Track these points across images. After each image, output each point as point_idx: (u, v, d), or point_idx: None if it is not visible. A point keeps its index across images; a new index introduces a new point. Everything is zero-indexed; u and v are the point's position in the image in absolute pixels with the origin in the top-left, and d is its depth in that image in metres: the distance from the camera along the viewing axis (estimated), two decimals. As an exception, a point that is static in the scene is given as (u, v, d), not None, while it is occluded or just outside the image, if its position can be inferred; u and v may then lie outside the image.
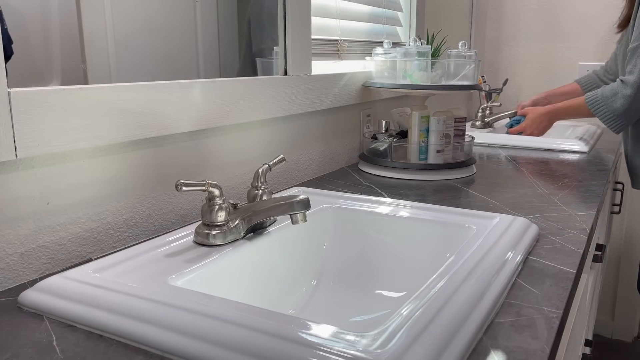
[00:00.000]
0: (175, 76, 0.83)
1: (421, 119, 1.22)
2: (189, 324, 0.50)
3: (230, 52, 0.95)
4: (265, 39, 1.02)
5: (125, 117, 0.72)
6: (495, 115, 2.02)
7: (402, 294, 0.81)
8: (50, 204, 0.67)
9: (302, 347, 0.46)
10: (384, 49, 1.29)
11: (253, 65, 1.01)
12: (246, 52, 0.99)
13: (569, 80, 2.26)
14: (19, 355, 0.49)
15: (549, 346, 0.50)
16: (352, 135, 1.34)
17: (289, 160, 1.11)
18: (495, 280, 0.60)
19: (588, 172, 1.27)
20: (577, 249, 0.75)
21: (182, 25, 0.85)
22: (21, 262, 0.64)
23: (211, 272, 0.67)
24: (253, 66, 1.01)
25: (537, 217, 0.90)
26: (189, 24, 0.86)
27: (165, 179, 0.82)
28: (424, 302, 0.54)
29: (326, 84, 1.16)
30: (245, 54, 0.99)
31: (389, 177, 1.19)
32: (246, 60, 0.99)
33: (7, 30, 0.62)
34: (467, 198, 1.02)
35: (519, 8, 2.33)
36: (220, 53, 0.93)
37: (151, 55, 0.80)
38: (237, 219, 0.74)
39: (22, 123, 0.60)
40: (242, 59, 0.98)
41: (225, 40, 0.93)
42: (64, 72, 0.69)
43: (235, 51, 0.96)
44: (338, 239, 0.89)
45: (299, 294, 0.81)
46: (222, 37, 0.92)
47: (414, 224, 0.84)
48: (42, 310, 0.56)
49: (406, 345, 0.46)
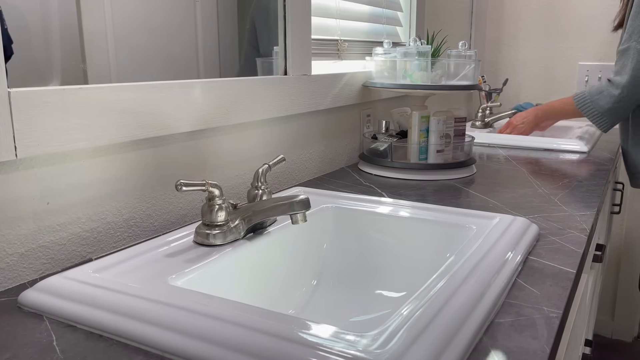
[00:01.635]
0: (175, 76, 0.83)
1: (421, 119, 1.22)
2: (189, 324, 0.50)
3: (230, 52, 0.95)
4: (268, 40, 1.02)
5: (125, 117, 0.72)
6: (495, 115, 2.02)
7: (402, 294, 0.81)
8: (50, 204, 0.67)
9: (302, 347, 0.46)
10: (384, 49, 1.29)
11: (253, 66, 1.01)
12: (247, 52, 0.99)
13: (569, 80, 2.26)
14: (19, 355, 0.49)
15: (549, 346, 0.50)
16: (352, 135, 1.34)
17: (289, 160, 1.11)
18: (495, 280, 0.60)
19: (588, 172, 1.27)
20: (577, 249, 0.75)
21: (182, 25, 0.85)
22: (21, 262, 0.64)
23: (211, 272, 0.67)
24: (253, 66, 1.01)
25: (537, 217, 0.90)
26: (189, 24, 0.86)
27: (165, 179, 0.82)
28: (424, 302, 0.54)
29: (326, 84, 1.16)
30: (246, 54, 0.99)
31: (389, 177, 1.19)
32: (247, 60, 0.99)
33: (7, 30, 0.62)
34: (467, 198, 1.02)
35: (519, 8, 2.33)
36: (220, 53, 0.93)
37: (151, 55, 0.80)
38: (237, 219, 0.74)
39: (22, 123, 0.60)
40: (243, 59, 0.98)
41: (225, 40, 0.93)
42: (64, 72, 0.69)
43: (236, 51, 0.96)
44: (338, 239, 0.89)
45: (299, 294, 0.81)
46: (222, 37, 0.92)
47: (414, 223, 0.84)
48: (42, 310, 0.56)
49: (406, 345, 0.46)
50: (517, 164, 1.35)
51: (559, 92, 2.27)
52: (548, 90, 2.30)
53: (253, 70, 1.01)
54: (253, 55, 1.00)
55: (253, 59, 1.00)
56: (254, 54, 1.01)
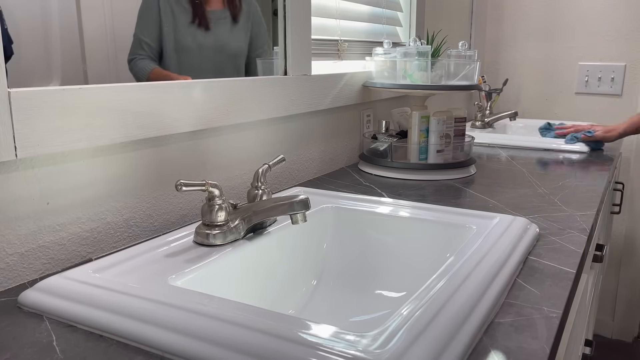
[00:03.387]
0: (175, 76, 0.83)
1: (421, 119, 1.22)
2: (189, 324, 0.50)
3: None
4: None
5: (125, 117, 0.72)
6: (495, 115, 2.02)
7: (402, 294, 0.81)
8: (50, 204, 0.67)
9: (302, 347, 0.46)
10: (384, 49, 1.29)
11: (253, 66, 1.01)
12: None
13: (569, 80, 2.26)
14: (19, 355, 0.49)
15: (549, 346, 0.50)
16: (352, 135, 1.34)
17: (289, 160, 1.11)
18: (495, 280, 0.60)
19: (588, 172, 1.27)
20: (577, 249, 0.75)
21: (182, 25, 0.84)
22: (21, 262, 0.64)
23: (211, 272, 0.67)
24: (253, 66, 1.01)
25: (537, 217, 0.90)
26: (189, 24, 0.86)
27: (165, 179, 0.82)
28: (424, 302, 0.54)
29: (326, 84, 1.16)
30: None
31: (389, 177, 1.19)
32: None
33: (7, 30, 0.62)
34: (467, 198, 1.02)
35: (519, 8, 2.33)
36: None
37: (151, 55, 0.80)
38: (237, 219, 0.74)
39: (22, 123, 0.60)
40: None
41: (225, 40, 0.93)
42: (64, 72, 0.69)
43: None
44: (338, 239, 0.89)
45: (299, 294, 0.81)
46: (222, 37, 0.92)
47: (414, 224, 0.84)
48: (42, 310, 0.56)
49: (406, 345, 0.46)
50: (517, 164, 1.35)
51: (559, 92, 2.28)
52: (548, 90, 2.31)
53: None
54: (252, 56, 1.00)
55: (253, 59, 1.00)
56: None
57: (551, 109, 2.30)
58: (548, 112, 2.30)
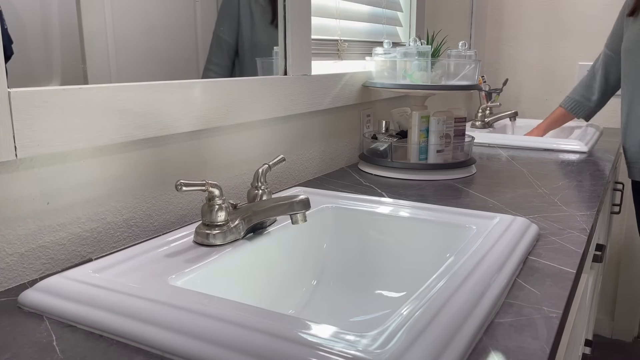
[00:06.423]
0: (175, 76, 0.83)
1: (421, 119, 1.22)
2: (189, 324, 0.50)
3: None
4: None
5: (125, 117, 0.72)
6: (495, 115, 2.02)
7: (402, 294, 0.81)
8: (50, 204, 0.67)
9: (302, 347, 0.46)
10: (384, 49, 1.29)
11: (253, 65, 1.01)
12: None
13: (569, 80, 2.26)
14: (19, 355, 0.49)
15: (549, 346, 0.50)
16: (352, 135, 1.34)
17: (289, 160, 1.11)
18: (495, 280, 0.60)
19: (588, 172, 1.27)
20: (577, 249, 0.75)
21: (182, 25, 0.85)
22: (21, 262, 0.64)
23: (211, 272, 0.67)
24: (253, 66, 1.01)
25: (537, 217, 0.90)
26: (189, 24, 0.86)
27: (165, 179, 0.82)
28: (424, 302, 0.54)
29: (326, 84, 1.16)
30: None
31: (389, 177, 1.19)
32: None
33: (7, 30, 0.62)
34: (467, 198, 1.02)
35: (519, 8, 2.33)
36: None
37: (151, 55, 0.80)
38: (237, 219, 0.74)
39: (22, 123, 0.60)
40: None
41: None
42: (64, 72, 0.69)
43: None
44: (338, 239, 0.89)
45: (299, 294, 0.81)
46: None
47: (414, 224, 0.84)
48: (42, 310, 0.56)
49: (406, 346, 0.46)
50: (517, 164, 1.35)
51: (559, 92, 2.28)
52: (548, 90, 2.31)
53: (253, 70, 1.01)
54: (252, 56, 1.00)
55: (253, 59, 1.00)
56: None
57: (551, 109, 2.29)
58: (548, 112, 2.29)
